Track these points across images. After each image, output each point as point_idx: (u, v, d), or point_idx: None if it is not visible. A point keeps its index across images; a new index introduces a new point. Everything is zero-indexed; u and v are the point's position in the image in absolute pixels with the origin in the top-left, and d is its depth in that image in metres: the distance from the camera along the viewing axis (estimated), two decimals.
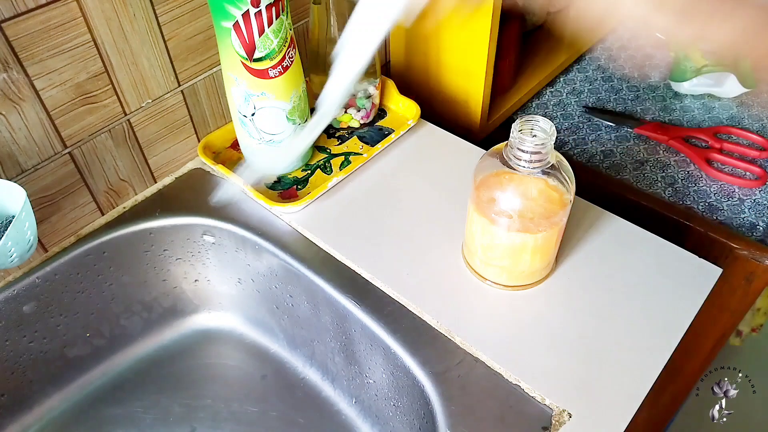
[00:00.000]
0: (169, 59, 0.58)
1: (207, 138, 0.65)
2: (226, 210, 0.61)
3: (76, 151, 0.55)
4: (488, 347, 0.49)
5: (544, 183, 0.48)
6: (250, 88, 0.55)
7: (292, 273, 0.57)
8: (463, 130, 0.77)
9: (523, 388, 0.47)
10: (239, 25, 0.51)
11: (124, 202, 0.62)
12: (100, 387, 0.61)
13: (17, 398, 0.57)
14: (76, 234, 0.58)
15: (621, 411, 0.45)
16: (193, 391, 0.62)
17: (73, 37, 0.50)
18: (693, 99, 0.83)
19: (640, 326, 0.50)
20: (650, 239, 0.57)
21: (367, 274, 0.55)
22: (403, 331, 0.51)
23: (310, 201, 0.60)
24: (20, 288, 0.54)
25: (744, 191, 0.70)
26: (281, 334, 0.64)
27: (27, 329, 0.55)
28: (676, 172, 0.73)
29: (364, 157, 0.64)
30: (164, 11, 0.55)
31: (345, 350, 0.57)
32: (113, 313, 0.61)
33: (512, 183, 0.48)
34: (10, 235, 0.45)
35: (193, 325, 0.66)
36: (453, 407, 0.46)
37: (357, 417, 0.60)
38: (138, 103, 0.58)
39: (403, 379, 0.51)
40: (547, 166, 0.46)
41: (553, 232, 0.50)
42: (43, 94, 0.51)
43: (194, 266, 0.64)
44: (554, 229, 0.49)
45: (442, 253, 0.56)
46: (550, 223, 0.48)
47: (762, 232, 0.66)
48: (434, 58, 0.75)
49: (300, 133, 0.40)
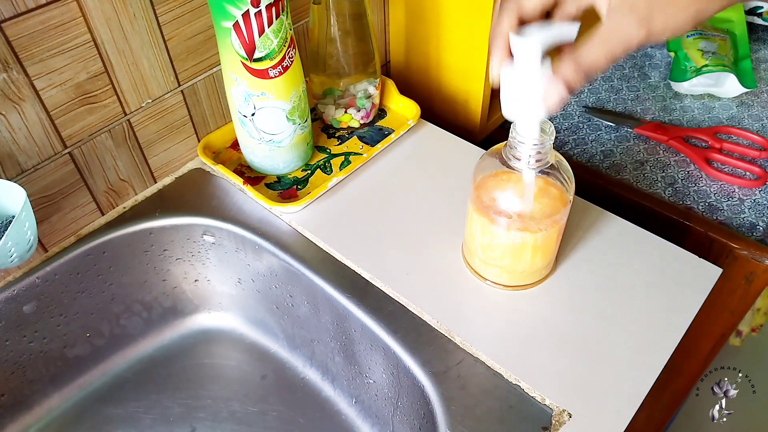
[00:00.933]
0: (169, 59, 0.58)
1: (207, 138, 0.65)
2: (226, 210, 0.61)
3: (76, 151, 0.55)
4: (488, 347, 0.49)
5: (544, 182, 0.48)
6: (250, 88, 0.55)
7: (292, 273, 0.57)
8: (463, 130, 0.77)
9: (523, 388, 0.47)
10: (239, 25, 0.51)
11: (124, 202, 0.62)
12: (100, 387, 0.61)
13: (17, 398, 0.57)
14: (76, 234, 0.58)
15: (621, 411, 0.45)
16: (193, 391, 0.62)
17: (73, 37, 0.50)
18: (693, 99, 0.83)
19: (640, 326, 0.50)
20: (650, 239, 0.57)
21: (367, 274, 0.55)
22: (403, 331, 0.51)
23: (310, 201, 0.60)
24: (20, 288, 0.54)
25: (744, 191, 0.70)
26: (281, 334, 0.64)
27: (27, 329, 0.55)
28: (676, 172, 0.73)
29: (364, 157, 0.64)
30: (164, 11, 0.55)
31: (345, 350, 0.57)
32: (113, 313, 0.61)
33: (511, 182, 0.48)
34: (10, 235, 0.45)
35: (193, 325, 0.66)
36: (453, 407, 0.46)
37: (357, 417, 0.60)
38: (138, 103, 0.58)
39: (403, 379, 0.51)
40: (546, 165, 0.46)
41: (553, 231, 0.50)
42: (43, 94, 0.51)
43: (194, 266, 0.64)
44: (554, 228, 0.49)
45: (442, 253, 0.56)
46: (551, 222, 0.48)
47: (762, 232, 0.66)
48: (434, 58, 0.75)
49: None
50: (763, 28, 0.94)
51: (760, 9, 0.91)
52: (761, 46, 0.91)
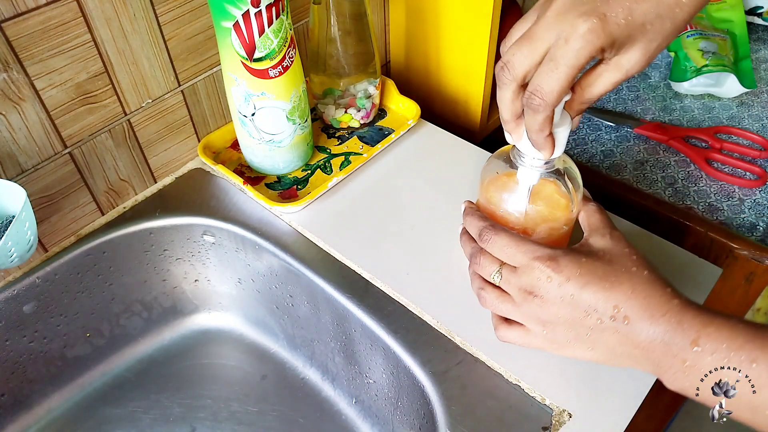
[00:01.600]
0: (169, 59, 0.58)
1: (207, 138, 0.65)
2: (226, 210, 0.61)
3: (76, 151, 0.55)
4: (488, 347, 0.49)
5: (552, 187, 0.47)
6: (250, 88, 0.55)
7: (292, 273, 0.57)
8: (463, 130, 0.77)
9: (523, 388, 0.47)
10: (239, 25, 0.51)
11: (124, 202, 0.62)
12: (100, 387, 0.61)
13: (17, 398, 0.57)
14: (76, 234, 0.58)
15: (621, 411, 0.45)
16: (193, 391, 0.62)
17: (73, 37, 0.50)
18: (693, 99, 0.83)
19: None
20: (650, 239, 0.57)
21: (367, 274, 0.55)
22: (403, 331, 0.51)
23: (310, 201, 0.60)
24: (20, 288, 0.54)
25: (744, 191, 0.70)
26: (281, 334, 0.64)
27: (27, 329, 0.55)
28: (676, 172, 0.73)
29: (364, 157, 0.64)
30: (164, 11, 0.55)
31: (345, 350, 0.57)
32: (113, 313, 0.61)
33: (511, 184, 0.47)
34: (10, 235, 0.45)
35: (193, 325, 0.66)
36: (453, 407, 0.46)
37: (357, 417, 0.60)
38: (138, 103, 0.58)
39: (403, 379, 0.51)
40: (551, 168, 0.45)
41: (557, 238, 0.48)
42: (43, 94, 0.51)
43: (194, 266, 0.64)
44: (558, 235, 0.48)
45: (442, 253, 0.56)
46: (547, 228, 0.47)
47: (762, 232, 0.66)
48: (434, 58, 0.75)
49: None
50: (763, 28, 0.94)
51: (760, 9, 0.91)
52: (761, 46, 0.91)
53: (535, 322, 0.43)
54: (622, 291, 0.39)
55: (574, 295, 0.40)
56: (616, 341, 0.39)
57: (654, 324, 0.38)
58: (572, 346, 0.42)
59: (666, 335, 0.37)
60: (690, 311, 0.38)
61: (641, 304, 0.38)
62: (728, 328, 0.36)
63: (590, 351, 0.41)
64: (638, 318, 0.38)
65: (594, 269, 0.40)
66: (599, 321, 0.39)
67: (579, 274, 0.40)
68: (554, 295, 0.40)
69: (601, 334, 0.40)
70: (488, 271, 0.44)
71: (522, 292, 0.42)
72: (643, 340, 0.38)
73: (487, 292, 0.45)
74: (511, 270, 0.43)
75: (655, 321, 0.38)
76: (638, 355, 0.39)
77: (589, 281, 0.39)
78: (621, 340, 0.39)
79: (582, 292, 0.39)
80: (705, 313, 0.38)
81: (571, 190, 0.47)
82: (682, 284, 0.53)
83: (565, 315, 0.40)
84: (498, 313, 0.45)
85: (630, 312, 0.38)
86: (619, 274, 0.40)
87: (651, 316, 0.38)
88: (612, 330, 0.39)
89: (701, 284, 0.53)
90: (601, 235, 0.43)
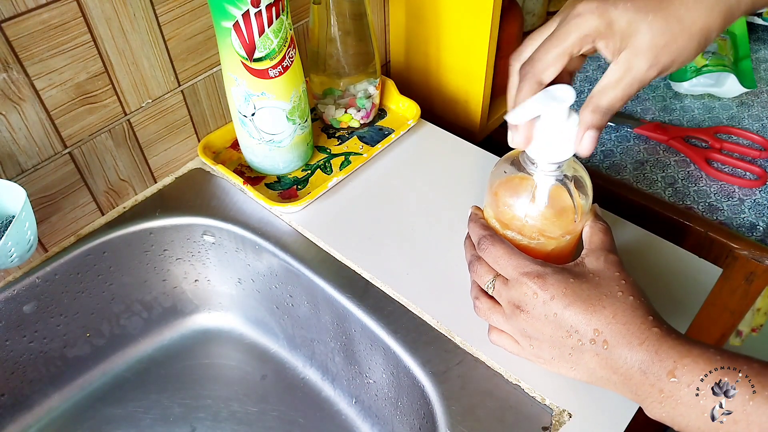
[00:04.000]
0: (169, 59, 0.58)
1: (207, 138, 0.65)
2: (226, 210, 0.61)
3: (76, 151, 0.55)
4: (488, 347, 0.49)
5: (561, 194, 0.45)
6: (250, 88, 0.55)
7: (292, 273, 0.57)
8: (463, 130, 0.77)
9: (523, 388, 0.47)
10: (239, 25, 0.51)
11: (124, 202, 0.62)
12: (100, 387, 0.61)
13: (17, 398, 0.57)
14: (76, 234, 0.58)
15: (621, 411, 0.45)
16: (193, 391, 0.62)
17: (73, 37, 0.50)
18: (693, 99, 0.83)
19: None
20: (650, 239, 0.57)
21: (367, 274, 0.55)
22: (403, 331, 0.51)
23: (310, 201, 0.60)
24: (20, 288, 0.54)
25: (744, 191, 0.70)
26: (281, 334, 0.64)
27: (27, 329, 0.55)
28: (676, 172, 0.73)
29: (364, 157, 0.64)
30: (164, 11, 0.55)
31: (345, 350, 0.57)
32: (113, 313, 0.61)
33: (526, 189, 0.45)
34: (10, 235, 0.45)
35: (193, 325, 0.66)
36: (453, 407, 0.46)
37: (357, 417, 0.60)
38: (138, 103, 0.58)
39: (403, 379, 0.51)
40: (557, 173, 0.44)
41: (559, 248, 0.47)
42: (43, 94, 0.51)
43: (194, 266, 0.64)
44: (558, 245, 0.46)
45: (442, 252, 0.56)
46: (551, 238, 0.46)
47: (762, 232, 0.66)
48: (434, 58, 0.75)
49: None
50: (763, 28, 0.94)
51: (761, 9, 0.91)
52: (761, 46, 0.91)
53: (521, 335, 0.43)
54: (603, 315, 0.39)
55: (558, 314, 0.40)
56: (596, 364, 0.40)
57: (632, 351, 0.38)
58: (556, 364, 0.42)
59: (643, 364, 0.38)
60: (668, 341, 0.38)
61: (620, 330, 0.39)
62: (704, 360, 0.36)
63: (573, 370, 0.42)
64: (616, 344, 0.38)
65: (580, 291, 0.40)
66: (580, 342, 0.40)
67: (564, 294, 0.40)
68: (539, 312, 0.41)
69: (582, 356, 0.40)
70: (483, 281, 0.45)
71: (511, 305, 0.42)
72: (621, 366, 0.38)
73: (481, 302, 0.46)
74: (504, 282, 0.43)
75: (633, 349, 0.38)
76: (617, 381, 0.39)
77: (573, 302, 0.40)
78: (601, 363, 0.40)
79: (564, 311, 0.40)
80: (684, 343, 0.37)
81: (576, 199, 0.45)
82: (682, 284, 0.53)
83: (548, 332, 0.41)
84: (490, 323, 0.46)
85: (609, 337, 0.39)
86: (603, 298, 0.40)
87: (629, 343, 0.38)
88: (592, 353, 0.40)
89: (701, 284, 0.53)
90: (596, 257, 0.43)
